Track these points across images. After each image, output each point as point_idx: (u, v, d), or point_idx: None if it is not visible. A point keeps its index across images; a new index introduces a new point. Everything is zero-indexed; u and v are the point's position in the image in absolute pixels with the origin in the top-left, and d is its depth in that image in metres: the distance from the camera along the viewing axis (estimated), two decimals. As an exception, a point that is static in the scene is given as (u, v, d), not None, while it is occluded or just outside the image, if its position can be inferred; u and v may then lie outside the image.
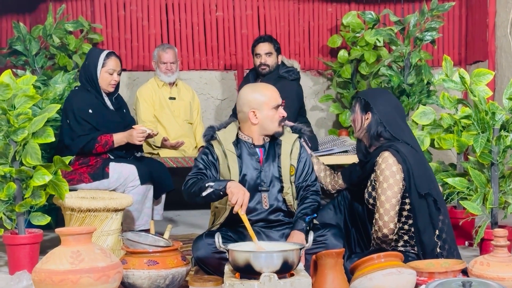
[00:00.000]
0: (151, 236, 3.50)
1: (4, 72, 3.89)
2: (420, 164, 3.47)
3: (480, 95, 4.14)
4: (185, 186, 3.44)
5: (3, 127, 3.82)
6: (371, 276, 2.98)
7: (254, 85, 3.81)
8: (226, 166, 3.51)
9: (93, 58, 4.53)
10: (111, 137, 4.41)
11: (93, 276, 2.87)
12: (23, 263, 3.84)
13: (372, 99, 3.58)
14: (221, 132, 3.60)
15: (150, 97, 5.68)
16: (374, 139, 3.54)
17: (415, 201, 3.41)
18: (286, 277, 2.90)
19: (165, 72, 5.69)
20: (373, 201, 3.49)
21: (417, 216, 3.41)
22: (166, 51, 5.68)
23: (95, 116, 4.45)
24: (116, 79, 4.56)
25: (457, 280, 2.80)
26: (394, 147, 3.43)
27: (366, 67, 6.38)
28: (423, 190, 3.41)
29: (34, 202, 3.92)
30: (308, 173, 3.64)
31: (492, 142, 4.02)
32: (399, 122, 3.55)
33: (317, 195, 3.62)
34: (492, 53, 6.28)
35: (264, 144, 3.59)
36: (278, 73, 5.60)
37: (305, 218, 3.47)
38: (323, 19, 6.81)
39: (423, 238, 3.40)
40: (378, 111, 3.53)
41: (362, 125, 3.59)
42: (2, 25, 6.41)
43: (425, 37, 5.55)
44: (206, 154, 3.57)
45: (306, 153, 3.68)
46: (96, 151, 4.38)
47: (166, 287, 3.26)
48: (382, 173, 3.40)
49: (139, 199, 4.41)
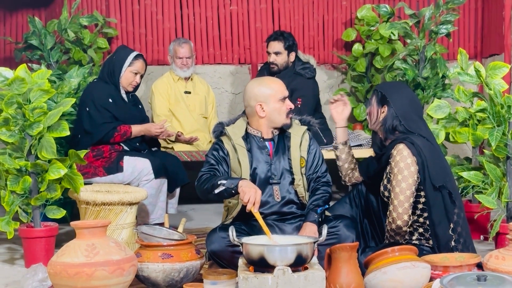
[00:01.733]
0: (165, 229, 3.51)
1: (20, 67, 3.91)
2: (435, 157, 3.45)
3: (496, 89, 4.11)
4: (198, 182, 3.45)
5: (18, 121, 3.85)
6: (385, 270, 2.98)
7: (260, 79, 3.81)
8: (237, 161, 3.52)
9: (122, 55, 4.59)
10: (130, 128, 4.48)
11: (108, 269, 2.89)
12: (39, 256, 3.87)
13: (389, 92, 3.56)
14: (230, 127, 3.60)
15: (165, 91, 5.70)
16: (389, 133, 3.53)
17: (429, 193, 3.39)
18: (300, 271, 2.90)
19: (181, 67, 5.70)
20: (388, 193, 3.48)
21: (431, 208, 3.40)
22: (182, 46, 5.69)
23: (114, 106, 4.50)
24: (137, 81, 4.62)
25: (472, 274, 2.78)
26: (409, 139, 3.42)
27: (380, 61, 6.35)
28: (438, 183, 3.39)
29: (50, 196, 3.94)
30: (318, 165, 3.64)
31: (508, 135, 4.00)
32: (414, 117, 3.54)
33: (328, 186, 3.62)
34: (508, 46, 6.23)
35: (273, 137, 3.60)
36: (294, 70, 5.58)
37: (317, 210, 3.48)
38: (338, 13, 6.78)
39: (438, 231, 3.39)
40: (394, 105, 3.52)
41: (377, 118, 3.58)
42: (17, 19, 6.45)
43: (440, 30, 5.52)
44: (217, 149, 3.58)
45: (316, 144, 3.69)
46: (114, 140, 4.45)
47: (181, 280, 3.27)
48: (397, 165, 3.39)
49: (153, 193, 4.43)
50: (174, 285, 3.30)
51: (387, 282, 2.97)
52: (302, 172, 3.58)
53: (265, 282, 2.80)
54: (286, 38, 5.58)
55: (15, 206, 3.90)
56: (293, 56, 5.61)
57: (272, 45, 5.59)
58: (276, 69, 5.59)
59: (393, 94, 3.55)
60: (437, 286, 2.80)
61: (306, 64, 5.66)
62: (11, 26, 6.44)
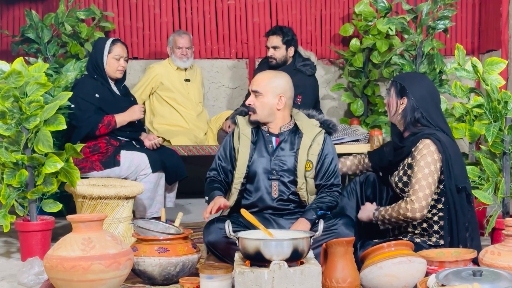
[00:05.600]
0: (161, 223, 3.51)
1: (16, 60, 3.91)
2: (458, 156, 3.43)
3: (493, 84, 4.11)
4: (205, 182, 3.65)
5: (15, 114, 3.84)
6: (381, 265, 2.98)
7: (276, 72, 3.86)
8: (238, 151, 3.56)
9: (99, 46, 4.62)
10: (113, 117, 4.49)
11: (104, 263, 2.89)
12: (35, 250, 3.87)
13: (408, 83, 3.51)
14: (242, 117, 3.65)
15: (158, 78, 5.62)
16: (411, 125, 3.48)
17: (452, 193, 3.36)
18: (296, 265, 2.91)
19: (180, 57, 5.68)
20: (402, 185, 3.45)
21: (450, 208, 3.37)
22: (182, 36, 5.69)
23: (102, 101, 4.51)
24: (123, 65, 4.61)
25: (467, 269, 2.79)
26: (435, 135, 3.38)
27: (378, 56, 6.34)
28: (461, 183, 3.37)
29: (46, 189, 3.94)
30: (331, 172, 3.56)
31: (504, 131, 4.00)
32: (435, 109, 3.50)
33: (338, 197, 3.57)
34: (506, 42, 6.22)
35: (280, 133, 3.58)
36: (295, 66, 5.59)
37: (318, 211, 3.45)
38: (335, 8, 6.76)
39: (455, 232, 3.37)
40: (414, 96, 3.47)
41: (397, 110, 3.53)
42: (14, 13, 6.42)
43: (437, 26, 5.51)
44: (225, 144, 3.65)
45: (332, 151, 3.58)
46: (100, 132, 4.44)
47: (177, 274, 3.28)
48: (424, 158, 3.34)
49: (151, 187, 4.43)
50: (170, 279, 3.30)
51: (383, 277, 2.98)
52: (307, 175, 3.52)
53: (261, 277, 2.81)
54: (284, 33, 5.60)
55: (12, 199, 3.90)
56: (292, 50, 5.61)
57: (271, 39, 5.61)
58: (274, 63, 5.60)
59: (412, 85, 3.50)
60: (432, 281, 2.81)
61: (307, 61, 5.68)
62: (8, 19, 6.42)
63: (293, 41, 5.64)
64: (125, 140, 4.56)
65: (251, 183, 3.55)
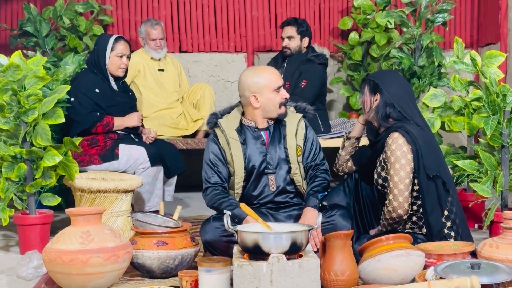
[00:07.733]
0: (160, 217, 3.51)
1: (15, 53, 3.91)
2: (430, 146, 3.45)
3: (492, 77, 4.11)
4: (204, 194, 3.51)
5: (13, 108, 3.84)
6: (379, 258, 2.99)
7: (254, 68, 3.76)
8: (230, 155, 3.50)
9: (102, 43, 4.60)
10: (113, 119, 4.49)
11: (103, 256, 2.89)
12: (34, 243, 3.87)
13: (381, 80, 3.56)
14: (223, 119, 3.55)
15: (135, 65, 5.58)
16: (383, 120, 3.52)
17: (423, 182, 3.39)
18: (294, 258, 2.91)
19: (155, 49, 5.67)
20: (382, 181, 3.48)
21: (425, 197, 3.40)
22: (155, 28, 5.65)
23: (101, 96, 4.50)
24: (125, 63, 4.60)
25: (465, 262, 2.80)
26: (403, 128, 3.42)
27: (377, 49, 6.34)
28: (432, 172, 3.39)
29: (45, 183, 3.94)
30: (316, 153, 3.62)
31: (503, 124, 4.01)
32: (409, 103, 3.54)
33: (327, 173, 3.61)
34: (504, 35, 6.22)
35: (268, 126, 3.56)
36: (306, 56, 5.67)
37: (317, 195, 3.47)
38: (334, 1, 6.75)
39: (431, 219, 3.39)
40: (387, 92, 3.51)
41: (371, 107, 3.58)
42: (12, 6, 6.41)
43: (436, 19, 5.51)
44: (214, 150, 3.53)
45: (313, 132, 3.65)
46: (96, 130, 4.44)
47: (175, 267, 3.28)
48: (393, 153, 3.39)
49: (150, 181, 4.43)
50: (169, 272, 3.30)
51: (381, 270, 2.98)
52: (299, 160, 3.55)
53: (259, 270, 2.81)
54: (299, 24, 5.70)
55: (10, 193, 3.90)
56: (306, 41, 5.70)
57: (286, 29, 5.71)
58: (289, 53, 5.69)
59: (385, 82, 3.55)
60: (431, 274, 2.82)
61: (319, 53, 5.80)
62: (6, 12, 6.41)
63: (308, 32, 5.73)
64: (124, 134, 4.56)
65: (249, 182, 3.54)
